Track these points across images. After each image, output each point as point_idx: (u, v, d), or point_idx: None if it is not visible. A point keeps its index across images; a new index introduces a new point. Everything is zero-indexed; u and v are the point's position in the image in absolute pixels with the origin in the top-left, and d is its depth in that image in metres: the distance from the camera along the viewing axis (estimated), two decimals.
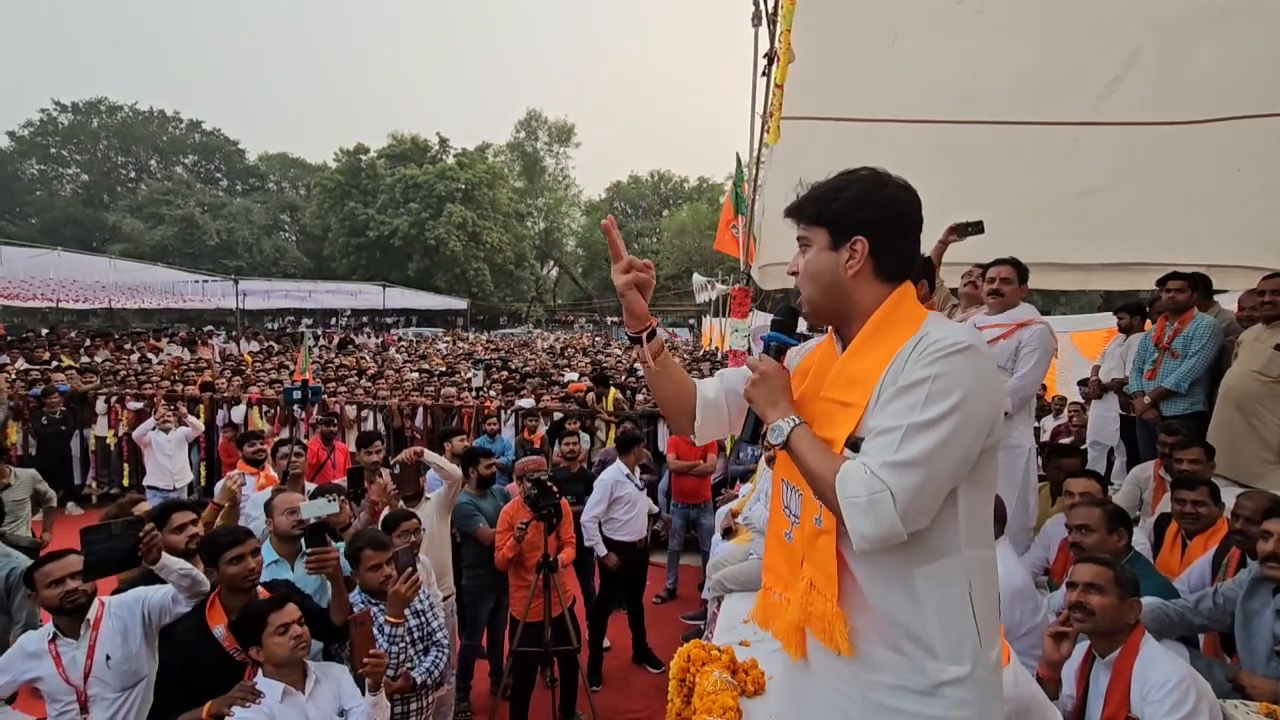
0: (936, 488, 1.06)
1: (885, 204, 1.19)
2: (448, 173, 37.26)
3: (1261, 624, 2.16)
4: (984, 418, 1.08)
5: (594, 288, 47.21)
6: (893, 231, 1.19)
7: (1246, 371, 3.52)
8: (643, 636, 4.74)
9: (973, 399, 1.06)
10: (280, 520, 3.05)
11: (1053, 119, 3.36)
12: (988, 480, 1.15)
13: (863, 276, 1.20)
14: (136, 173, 43.28)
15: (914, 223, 1.21)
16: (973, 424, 1.06)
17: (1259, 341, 3.54)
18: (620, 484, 4.65)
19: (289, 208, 45.91)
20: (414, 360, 15.86)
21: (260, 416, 7.98)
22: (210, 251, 35.28)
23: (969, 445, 1.07)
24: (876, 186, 1.19)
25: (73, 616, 2.45)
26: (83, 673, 2.40)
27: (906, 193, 1.20)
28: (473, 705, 4.09)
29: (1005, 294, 3.26)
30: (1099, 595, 1.95)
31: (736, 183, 5.72)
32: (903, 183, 1.20)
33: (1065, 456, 3.73)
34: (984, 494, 1.15)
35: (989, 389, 1.09)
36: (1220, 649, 2.47)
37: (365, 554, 2.83)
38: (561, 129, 47.92)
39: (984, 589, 1.14)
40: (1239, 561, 2.48)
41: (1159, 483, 3.55)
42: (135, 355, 14.02)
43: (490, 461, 4.26)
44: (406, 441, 7.81)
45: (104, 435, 8.15)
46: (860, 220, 1.18)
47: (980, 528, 1.15)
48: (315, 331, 25.52)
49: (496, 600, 4.17)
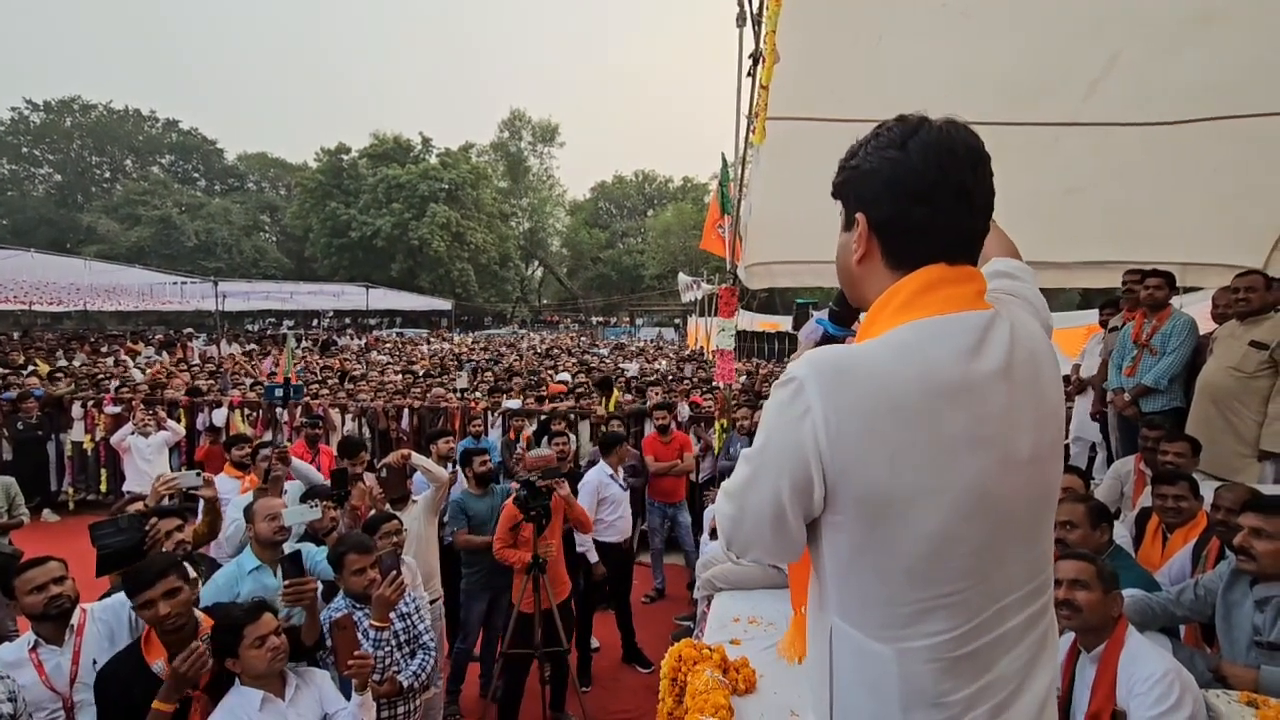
0: (754, 523, 0.94)
1: (889, 166, 0.91)
2: (431, 172, 37.01)
3: (1241, 615, 2.20)
4: (781, 459, 0.89)
5: (579, 288, 47.17)
6: (899, 201, 0.92)
7: (1222, 368, 3.58)
8: (632, 636, 4.74)
9: (772, 439, 0.91)
10: (261, 526, 3.00)
11: (1035, 119, 3.40)
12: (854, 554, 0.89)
13: (870, 263, 0.97)
14: (112, 173, 42.50)
15: (940, 186, 0.90)
16: (772, 464, 0.90)
17: (1233, 338, 3.61)
18: (604, 484, 4.65)
19: (269, 208, 45.34)
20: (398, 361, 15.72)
21: (242, 420, 7.86)
22: (188, 252, 34.75)
23: (773, 487, 0.90)
24: (888, 144, 0.92)
25: (57, 622, 2.40)
26: (68, 679, 2.35)
27: (934, 148, 0.89)
28: (462, 708, 4.06)
29: None
30: (1084, 591, 1.97)
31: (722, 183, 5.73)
32: (932, 139, 0.90)
33: None
34: (863, 571, 0.89)
35: (791, 430, 0.87)
36: (1201, 639, 2.52)
37: (349, 558, 2.80)
38: (545, 129, 47.80)
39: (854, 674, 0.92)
40: (1218, 553, 2.53)
41: (1139, 477, 3.61)
42: (111, 359, 13.76)
43: (485, 459, 4.24)
44: (391, 444, 7.74)
45: (80, 440, 7.99)
46: (861, 190, 0.96)
47: (862, 608, 0.90)
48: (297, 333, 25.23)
49: (492, 602, 4.15)
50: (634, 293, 42.80)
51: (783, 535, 0.92)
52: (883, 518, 0.86)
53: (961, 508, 0.86)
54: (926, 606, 0.87)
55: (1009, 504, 0.89)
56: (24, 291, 16.40)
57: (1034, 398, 0.91)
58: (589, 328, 40.77)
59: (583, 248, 46.03)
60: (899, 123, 0.93)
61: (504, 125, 47.48)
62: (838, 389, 0.85)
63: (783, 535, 0.92)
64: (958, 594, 0.87)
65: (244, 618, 2.25)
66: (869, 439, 0.85)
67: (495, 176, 44.79)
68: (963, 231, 0.93)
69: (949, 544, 0.86)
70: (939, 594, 0.87)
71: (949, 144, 0.90)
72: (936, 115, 0.94)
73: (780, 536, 0.93)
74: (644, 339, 31.39)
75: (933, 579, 0.87)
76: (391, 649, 2.81)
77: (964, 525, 0.86)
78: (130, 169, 42.57)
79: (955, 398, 0.86)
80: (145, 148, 43.14)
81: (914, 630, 0.87)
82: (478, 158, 44.50)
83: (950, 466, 0.85)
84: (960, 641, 0.87)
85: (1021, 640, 0.92)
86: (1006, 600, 0.90)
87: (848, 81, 3.19)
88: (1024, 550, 0.92)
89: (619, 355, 18.52)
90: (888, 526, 0.86)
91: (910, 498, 0.85)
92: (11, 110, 38.55)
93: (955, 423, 0.85)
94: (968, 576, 0.87)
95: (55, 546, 2.34)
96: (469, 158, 42.05)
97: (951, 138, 0.90)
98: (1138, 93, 3.14)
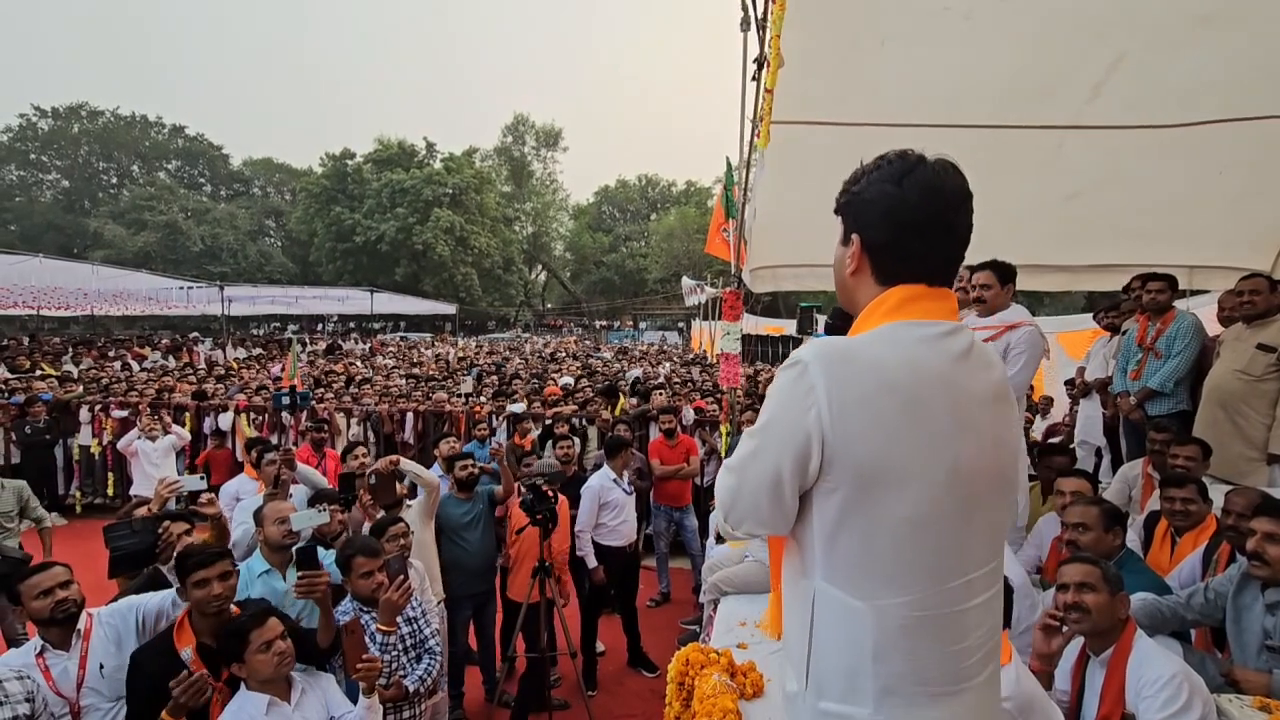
0: (751, 494, 1.07)
1: (885, 199, 1.06)
2: (434, 177, 37.17)
3: (1251, 619, 2.19)
4: (786, 433, 1.01)
5: (582, 291, 47.21)
6: (894, 231, 1.06)
7: (1229, 371, 3.57)
8: (637, 640, 4.73)
9: (777, 415, 1.04)
10: (270, 530, 3.02)
11: (1038, 123, 3.40)
12: (845, 519, 1.01)
13: (861, 276, 1.12)
14: (118, 178, 42.77)
15: (930, 222, 1.05)
16: (777, 438, 1.03)
17: (1240, 341, 3.59)
18: (607, 489, 4.64)
19: (274, 213, 45.58)
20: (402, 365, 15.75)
21: (248, 424, 7.89)
22: (194, 257, 34.94)
23: (775, 460, 1.02)
24: (887, 177, 1.06)
25: (63, 627, 2.41)
26: (75, 684, 2.36)
27: (925, 188, 1.04)
28: (467, 712, 4.06)
29: (987, 299, 3.29)
30: (1092, 594, 1.97)
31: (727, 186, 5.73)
32: (932, 173, 1.05)
33: (1055, 455, 3.77)
34: (852, 534, 1.01)
35: (796, 406, 1.01)
36: (1212, 643, 2.50)
37: (357, 561, 2.81)
38: (549, 133, 47.98)
39: (832, 632, 1.03)
40: (1229, 557, 2.52)
41: (1147, 480, 3.59)
42: (118, 363, 13.83)
43: (465, 463, 4.24)
44: (396, 448, 7.76)
45: (88, 444, 8.03)
46: (859, 214, 1.10)
47: (846, 568, 1.02)
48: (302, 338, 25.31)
49: (480, 608, 4.16)
50: (637, 296, 42.84)
51: (778, 506, 1.05)
52: (875, 484, 0.99)
53: (944, 482, 1.00)
54: (903, 569, 1.00)
55: (980, 483, 1.03)
56: (32, 296, 16.47)
57: (993, 386, 1.08)
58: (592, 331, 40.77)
59: (586, 251, 46.11)
60: (900, 158, 1.07)
61: (507, 130, 47.74)
62: (840, 370, 1.00)
63: (778, 506, 1.05)
64: (932, 561, 1.00)
65: (250, 622, 2.25)
66: (867, 415, 0.98)
67: (499, 181, 44.99)
68: (944, 260, 1.08)
69: (929, 514, 0.99)
70: (916, 559, 1.00)
71: (940, 185, 1.05)
72: (939, 120, 1.03)
73: (776, 507, 1.05)
74: (648, 342, 31.38)
75: (912, 544, 1.00)
76: (398, 653, 2.81)
77: (944, 498, 1.00)
78: (137, 174, 42.85)
79: (940, 384, 1.01)
80: (151, 153, 43.39)
81: (890, 590, 1.00)
82: (481, 162, 44.72)
83: (937, 445, 1.00)
84: (930, 604, 1.00)
85: (984, 623, 1.05)
86: (973, 575, 1.03)
87: (851, 85, 3.20)
88: (987, 528, 1.06)
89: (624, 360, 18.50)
90: (878, 493, 0.99)
91: (902, 469, 0.98)
92: (20, 117, 38.95)
93: (941, 406, 1.00)
94: (941, 545, 1.01)
95: (62, 550, 2.35)
96: (472, 162, 42.24)
97: (942, 179, 1.05)
98: (1142, 95, 3.14)
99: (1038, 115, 3.35)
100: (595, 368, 14.49)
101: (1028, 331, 3.20)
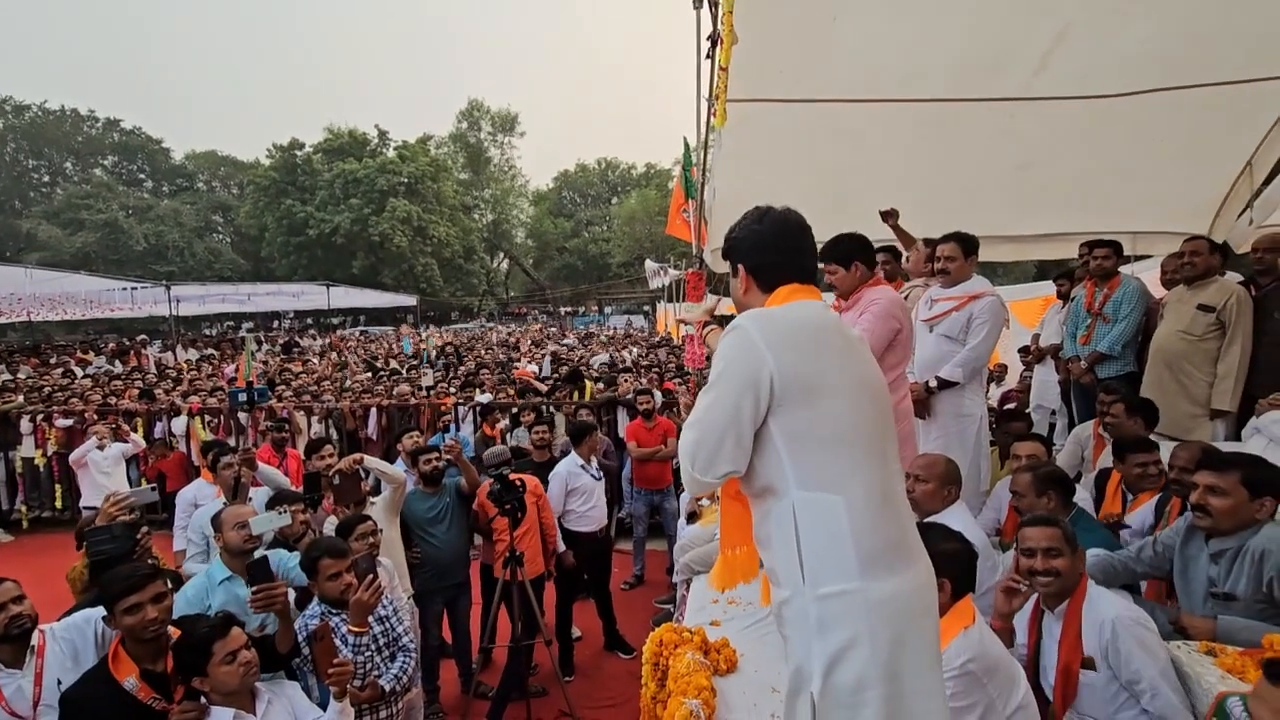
0: (716, 438, 1.32)
1: (752, 235, 1.53)
2: (389, 166, 36.15)
3: (1197, 569, 2.29)
4: (742, 375, 1.31)
5: (546, 278, 46.76)
6: (764, 254, 1.51)
7: (1173, 332, 3.70)
8: (613, 624, 4.76)
9: (731, 364, 1.35)
10: (230, 535, 2.91)
11: (989, 95, 3.45)
12: (803, 431, 1.31)
13: (751, 293, 1.54)
14: (51, 176, 40.60)
15: (784, 244, 1.50)
16: (734, 382, 1.32)
17: (1181, 303, 3.72)
18: (574, 475, 4.63)
19: (221, 208, 43.83)
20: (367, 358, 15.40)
21: (203, 427, 7.63)
22: (138, 257, 33.47)
23: (735, 400, 1.31)
24: (751, 221, 1.54)
25: (16, 644, 2.30)
26: (31, 701, 2.26)
27: (777, 222, 1.50)
28: (443, 706, 4.04)
29: (951, 270, 3.35)
30: (1060, 558, 2.02)
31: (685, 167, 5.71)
32: (780, 214, 1.51)
33: (1013, 421, 3.88)
34: (810, 442, 1.31)
35: (746, 354, 1.33)
36: (1164, 595, 2.61)
37: (323, 564, 2.73)
38: (505, 118, 47.01)
39: (816, 529, 1.28)
40: (1180, 510, 2.62)
41: (1098, 440, 3.73)
42: (60, 370, 13.23)
43: (429, 457, 4.17)
44: (361, 445, 7.61)
45: (31, 456, 7.67)
46: (739, 252, 1.56)
47: (815, 471, 1.30)
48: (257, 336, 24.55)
49: (452, 602, 4.12)
50: (601, 281, 42.58)
51: (739, 443, 1.33)
52: (816, 394, 1.32)
53: (859, 389, 1.36)
54: (854, 463, 1.31)
55: (880, 394, 1.43)
56: None
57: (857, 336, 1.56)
58: (557, 318, 40.47)
59: (548, 238, 45.57)
60: (756, 210, 1.55)
61: (462, 116, 46.53)
62: (767, 325, 1.36)
63: (739, 443, 1.33)
64: (874, 449, 1.34)
65: (212, 633, 2.16)
66: (794, 346, 1.34)
67: (455, 168, 43.97)
68: (800, 269, 1.51)
69: (861, 416, 1.34)
70: (866, 448, 1.33)
71: (786, 219, 1.51)
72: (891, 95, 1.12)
73: (736, 444, 1.33)
74: (613, 327, 31.30)
75: (856, 436, 1.33)
76: (371, 653, 2.76)
77: (865, 404, 1.36)
78: (70, 172, 40.70)
79: (830, 328, 1.41)
80: (85, 149, 41.22)
81: (851, 483, 1.29)
82: (436, 150, 43.61)
83: (845, 364, 1.37)
84: (879, 493, 1.31)
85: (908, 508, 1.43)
86: (894, 468, 1.39)
87: (805, 62, 3.20)
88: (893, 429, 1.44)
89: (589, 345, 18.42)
90: (821, 401, 1.32)
91: (832, 382, 1.33)
92: None
93: (837, 342, 1.40)
94: (873, 436, 1.35)
95: (9, 567, 2.25)
96: (427, 150, 41.18)
97: (788, 216, 1.52)
98: (1086, 67, 3.21)
99: (989, 88, 3.40)
100: (560, 355, 14.39)
101: (990, 301, 3.27)
